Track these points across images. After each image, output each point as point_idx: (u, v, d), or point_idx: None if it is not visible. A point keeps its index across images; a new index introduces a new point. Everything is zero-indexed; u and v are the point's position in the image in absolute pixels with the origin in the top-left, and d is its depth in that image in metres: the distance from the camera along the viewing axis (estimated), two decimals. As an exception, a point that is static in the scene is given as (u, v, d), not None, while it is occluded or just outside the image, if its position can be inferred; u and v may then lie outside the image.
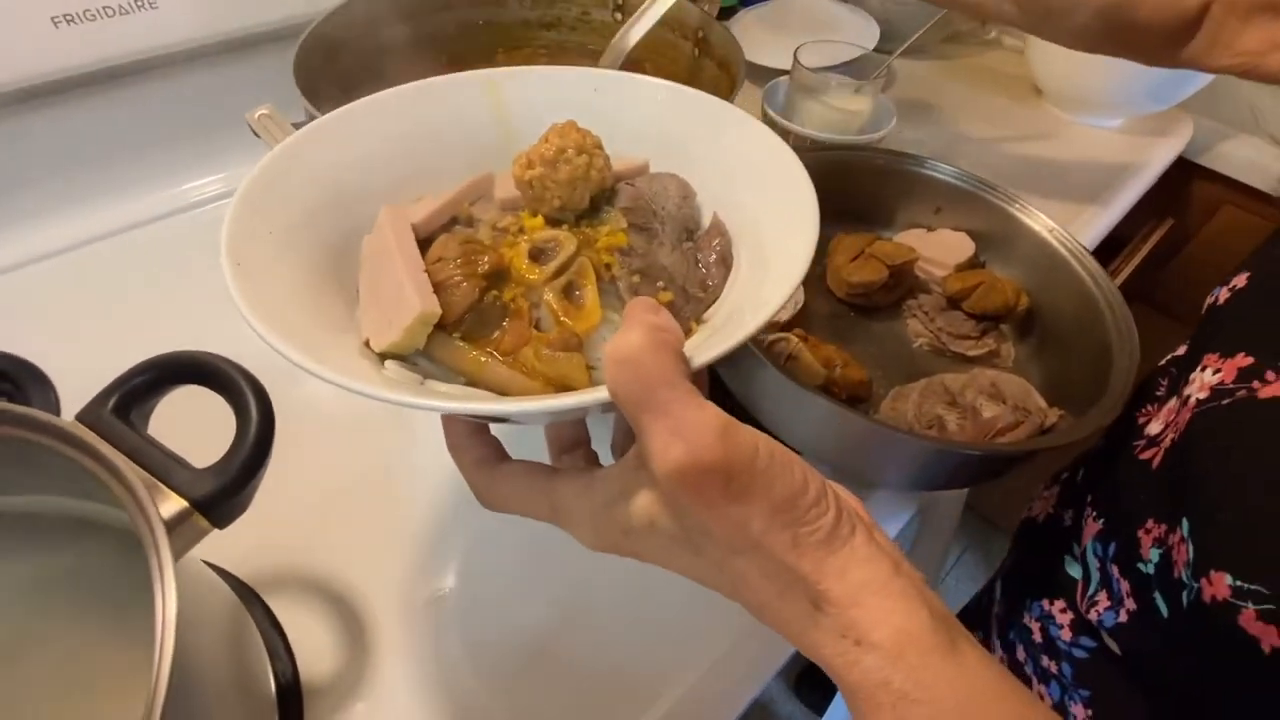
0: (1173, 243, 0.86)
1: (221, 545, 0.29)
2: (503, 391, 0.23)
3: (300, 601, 0.35)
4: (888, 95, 0.74)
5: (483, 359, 0.23)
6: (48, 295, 0.49)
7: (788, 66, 0.63)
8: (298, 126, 0.40)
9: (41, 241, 0.51)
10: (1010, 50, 0.90)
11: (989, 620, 0.50)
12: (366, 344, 0.24)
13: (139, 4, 0.46)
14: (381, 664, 0.33)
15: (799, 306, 0.47)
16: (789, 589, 0.19)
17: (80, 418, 0.25)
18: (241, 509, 0.26)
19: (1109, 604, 0.37)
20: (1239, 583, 0.27)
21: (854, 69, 0.63)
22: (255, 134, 0.38)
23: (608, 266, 0.25)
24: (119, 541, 0.27)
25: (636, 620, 0.36)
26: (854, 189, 0.52)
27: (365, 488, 0.40)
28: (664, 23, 0.61)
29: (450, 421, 0.25)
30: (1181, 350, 0.40)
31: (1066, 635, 0.41)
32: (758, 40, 0.75)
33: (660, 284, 0.26)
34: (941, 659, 0.18)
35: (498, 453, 0.25)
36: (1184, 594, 0.30)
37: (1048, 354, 0.47)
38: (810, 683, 1.13)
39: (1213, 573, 0.28)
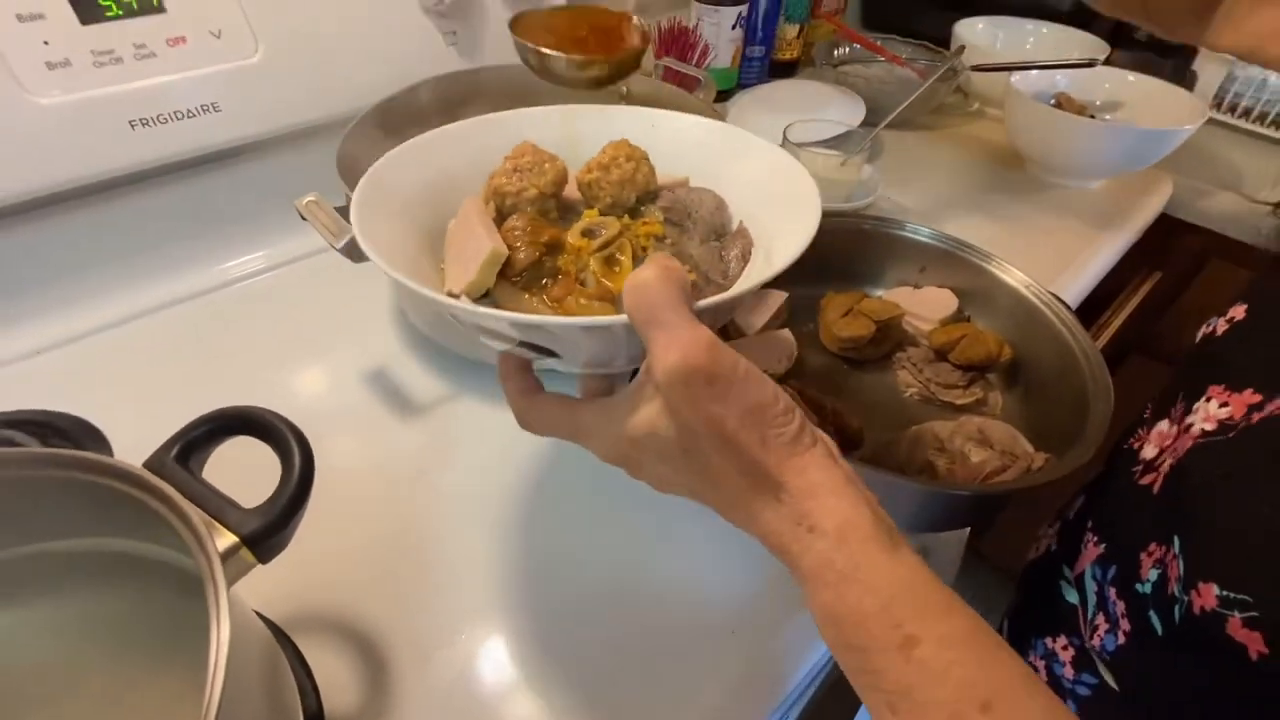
0: (1164, 294, 0.88)
1: (257, 589, 0.32)
2: None
3: (325, 644, 0.37)
4: (876, 165, 0.80)
5: (535, 302, 0.29)
6: (107, 363, 0.53)
7: (779, 143, 0.68)
8: (340, 211, 0.45)
9: (102, 315, 0.56)
10: (993, 120, 0.96)
11: None
12: (449, 295, 0.29)
13: (204, 109, 0.53)
14: (399, 706, 0.35)
15: (793, 360, 0.50)
16: (757, 483, 0.23)
17: (147, 464, 0.28)
18: (282, 546, 0.29)
19: (1107, 627, 0.37)
20: (1226, 592, 0.28)
21: (841, 143, 0.69)
22: (302, 218, 0.43)
23: (644, 249, 0.31)
24: (167, 581, 0.30)
25: (637, 669, 0.38)
26: (843, 252, 0.57)
27: (390, 539, 0.43)
28: (667, 108, 0.67)
29: (504, 358, 0.30)
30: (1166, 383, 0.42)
31: (1069, 673, 0.41)
32: (753, 120, 0.82)
33: (686, 267, 0.31)
34: (879, 549, 0.22)
35: (537, 385, 0.30)
36: (1176, 608, 0.31)
37: (1033, 401, 0.49)
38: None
39: (1201, 584, 0.29)
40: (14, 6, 0.45)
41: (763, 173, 0.33)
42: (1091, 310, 0.85)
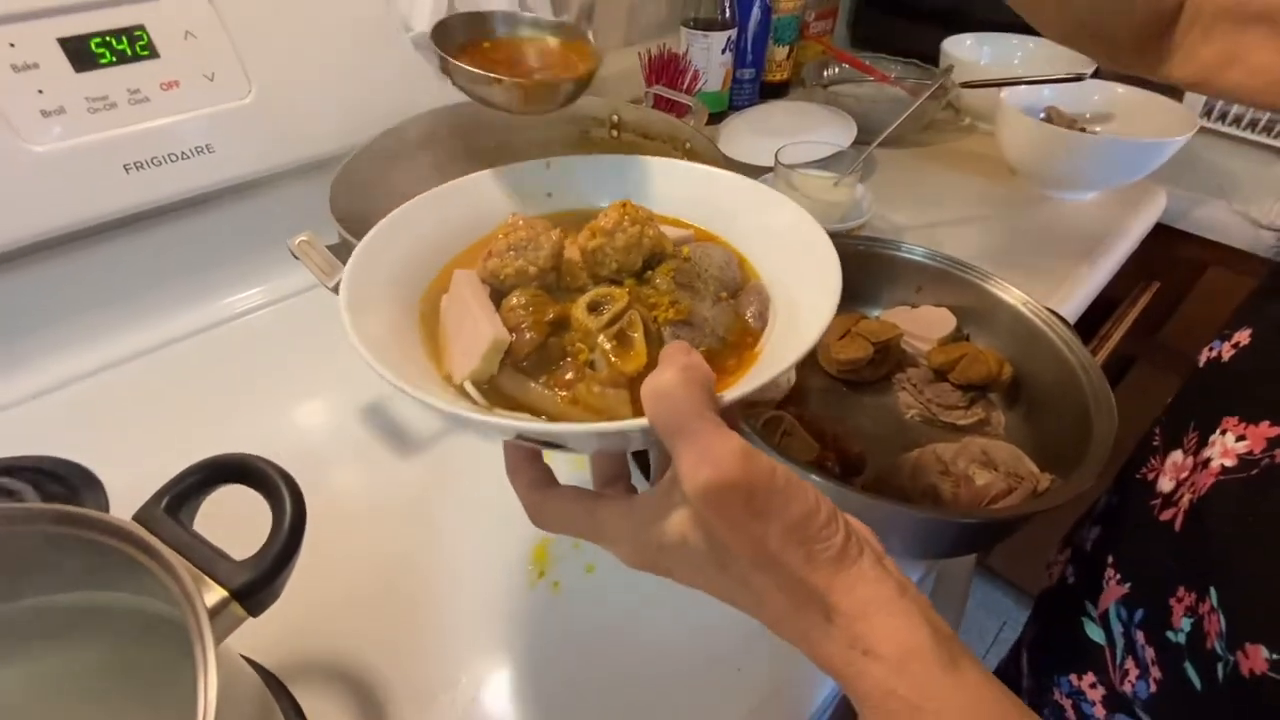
0: (1165, 304, 0.88)
1: (251, 635, 0.32)
2: (559, 420, 0.27)
3: (322, 691, 0.37)
4: (869, 184, 0.80)
5: (544, 391, 0.27)
6: (106, 405, 0.53)
7: (772, 165, 0.69)
8: (332, 249, 0.45)
9: (101, 357, 0.56)
10: (984, 135, 0.96)
11: (1019, 694, 0.48)
12: (448, 379, 0.28)
13: (198, 150, 0.53)
14: (399, 753, 0.34)
15: (792, 385, 0.50)
16: (804, 603, 0.22)
17: (137, 517, 0.28)
18: (274, 598, 0.28)
19: (1138, 673, 0.36)
20: (1277, 656, 0.26)
21: (832, 164, 0.69)
22: (295, 257, 0.43)
23: (655, 319, 0.29)
24: (162, 634, 0.30)
25: (642, 707, 0.37)
26: (838, 273, 0.56)
27: (386, 583, 0.42)
28: (658, 135, 0.68)
29: (510, 448, 0.28)
30: (1169, 399, 0.40)
31: (1100, 713, 0.39)
32: (745, 142, 0.82)
33: (705, 331, 0.30)
34: (943, 671, 0.21)
35: (549, 478, 0.27)
36: (1219, 666, 0.29)
37: (1036, 420, 0.48)
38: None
39: (1248, 645, 0.27)
40: (9, 57, 0.46)
41: (772, 224, 0.33)
42: (1092, 323, 0.84)
